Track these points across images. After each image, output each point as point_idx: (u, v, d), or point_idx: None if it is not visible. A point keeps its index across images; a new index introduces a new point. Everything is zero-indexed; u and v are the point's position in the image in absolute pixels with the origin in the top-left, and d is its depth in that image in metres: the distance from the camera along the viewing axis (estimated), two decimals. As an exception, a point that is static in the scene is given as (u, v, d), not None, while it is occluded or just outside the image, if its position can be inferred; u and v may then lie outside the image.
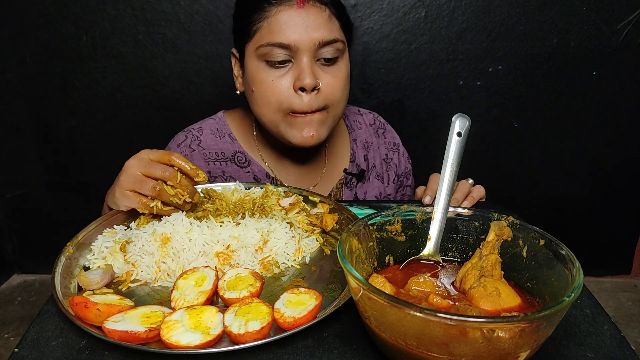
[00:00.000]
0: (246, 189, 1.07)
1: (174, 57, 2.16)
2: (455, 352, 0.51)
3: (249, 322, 0.64)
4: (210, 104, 1.37)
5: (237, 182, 1.10)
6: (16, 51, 2.17)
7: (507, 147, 2.35)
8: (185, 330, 0.63)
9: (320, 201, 1.05)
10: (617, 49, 2.14)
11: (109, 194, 0.94)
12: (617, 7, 2.07)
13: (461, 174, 0.79)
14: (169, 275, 0.80)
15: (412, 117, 2.29)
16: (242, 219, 0.91)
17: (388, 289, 0.65)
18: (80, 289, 0.77)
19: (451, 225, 0.76)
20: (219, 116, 1.26)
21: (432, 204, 0.75)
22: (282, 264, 0.85)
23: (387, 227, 0.75)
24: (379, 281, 0.66)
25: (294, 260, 0.87)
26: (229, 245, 0.84)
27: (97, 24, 2.11)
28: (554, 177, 2.42)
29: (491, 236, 0.70)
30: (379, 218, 0.74)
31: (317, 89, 1.02)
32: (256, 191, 1.05)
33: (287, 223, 0.92)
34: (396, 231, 0.76)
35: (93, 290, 0.76)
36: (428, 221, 0.75)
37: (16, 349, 0.65)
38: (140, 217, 0.92)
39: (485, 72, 2.20)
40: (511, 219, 0.71)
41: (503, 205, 1.11)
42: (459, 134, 0.74)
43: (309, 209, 1.02)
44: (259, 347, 0.64)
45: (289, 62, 1.02)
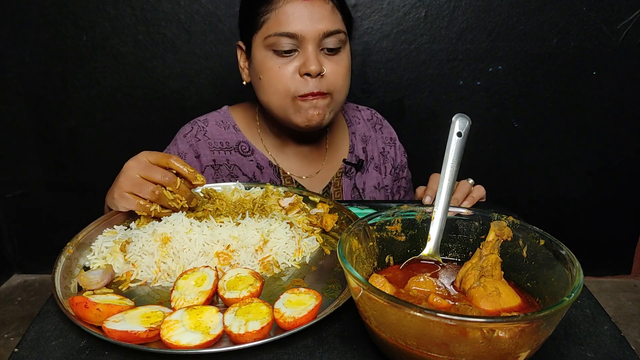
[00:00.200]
0: (246, 189, 1.08)
1: (174, 57, 2.16)
2: (455, 352, 0.51)
3: (249, 322, 0.64)
4: (210, 104, 1.37)
5: (237, 182, 1.10)
6: (16, 51, 2.17)
7: (507, 147, 2.35)
8: (185, 330, 0.63)
9: (320, 201, 1.05)
10: (617, 49, 2.14)
11: (108, 194, 0.94)
12: (617, 7, 2.07)
13: (461, 174, 0.79)
14: (169, 275, 0.80)
15: (412, 117, 2.29)
16: (242, 219, 0.91)
17: (388, 289, 0.65)
18: (80, 289, 0.77)
19: (451, 225, 0.76)
20: (223, 110, 1.31)
21: (432, 204, 0.75)
22: (282, 264, 0.85)
23: (387, 227, 0.75)
24: (379, 281, 0.66)
25: (294, 260, 0.87)
26: (229, 245, 0.84)
27: (97, 24, 2.11)
28: (554, 177, 2.42)
29: (491, 236, 0.70)
30: (379, 218, 0.74)
31: (321, 74, 1.07)
32: (256, 191, 1.05)
33: (287, 223, 0.92)
34: (396, 231, 0.76)
35: (93, 290, 0.76)
36: (428, 221, 0.75)
37: (16, 349, 0.65)
38: (140, 217, 0.92)
39: (485, 72, 2.20)
40: (511, 219, 0.71)
41: (503, 205, 1.11)
42: (459, 134, 0.74)
43: (309, 209, 1.02)
44: (259, 347, 0.64)
45: (295, 51, 1.07)
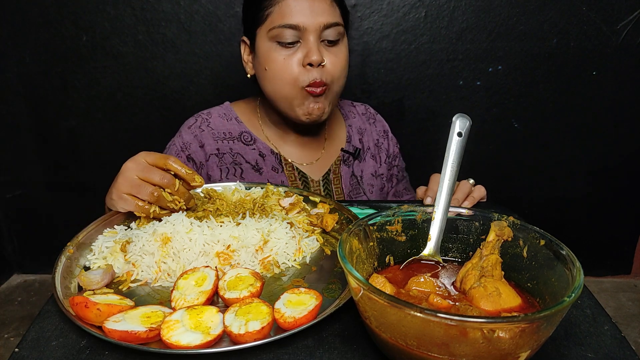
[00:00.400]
0: (246, 189, 1.08)
1: (174, 57, 2.16)
2: (455, 352, 0.51)
3: (249, 322, 0.64)
4: (210, 104, 1.38)
5: (238, 182, 1.10)
6: (16, 51, 2.17)
7: (507, 147, 2.35)
8: (185, 330, 0.63)
9: (320, 201, 1.05)
10: (617, 49, 2.14)
11: (107, 195, 0.94)
12: (617, 7, 2.07)
13: (461, 174, 0.79)
14: (169, 275, 0.80)
15: (412, 117, 2.29)
16: (243, 219, 0.91)
17: (388, 289, 0.65)
18: (81, 288, 0.77)
19: (451, 226, 0.76)
20: (225, 104, 1.36)
21: (432, 204, 0.75)
22: (283, 264, 0.85)
23: (387, 227, 0.75)
24: (379, 281, 0.66)
25: (295, 260, 0.87)
26: (229, 245, 0.84)
27: (97, 24, 2.11)
28: (554, 177, 2.42)
29: (491, 236, 0.70)
30: (379, 218, 0.74)
31: (322, 64, 1.14)
32: (256, 191, 1.05)
33: (288, 223, 0.92)
34: (396, 231, 0.76)
35: (93, 290, 0.76)
36: (428, 221, 0.75)
37: (16, 349, 0.65)
38: (140, 217, 0.92)
39: (485, 72, 2.20)
40: (511, 219, 0.71)
41: (503, 206, 1.11)
42: (459, 134, 0.74)
43: (309, 209, 1.02)
44: (259, 347, 0.64)
45: (297, 42, 1.14)
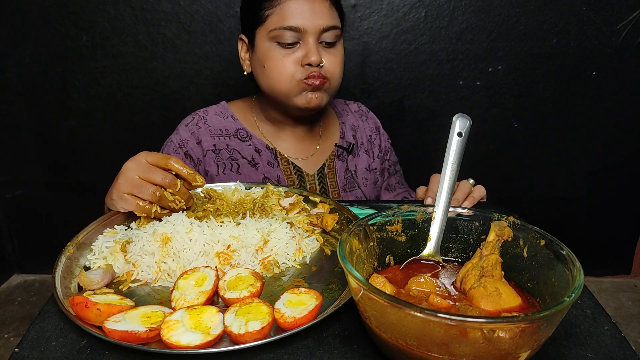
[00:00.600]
0: (247, 189, 1.08)
1: (174, 57, 2.16)
2: (455, 352, 0.51)
3: (249, 322, 0.64)
4: (210, 104, 1.38)
5: (238, 182, 1.10)
6: (16, 51, 2.17)
7: (507, 147, 2.35)
8: (185, 330, 0.63)
9: (320, 201, 1.05)
10: (617, 49, 2.14)
11: (107, 195, 0.94)
12: (617, 7, 2.06)
13: (461, 174, 0.79)
14: (169, 275, 0.80)
15: (412, 117, 2.29)
16: (243, 219, 0.91)
17: (388, 289, 0.65)
18: (81, 288, 0.77)
19: (452, 226, 0.76)
20: (221, 103, 1.39)
21: (432, 204, 0.75)
22: (283, 264, 0.85)
23: (387, 227, 0.75)
24: (380, 281, 0.66)
25: (295, 260, 0.87)
26: (229, 245, 0.84)
27: (97, 24, 2.10)
28: (554, 177, 2.42)
29: (492, 236, 0.70)
30: (379, 218, 0.74)
31: (321, 65, 1.16)
32: (256, 191, 1.05)
33: (288, 223, 0.92)
34: (397, 231, 0.76)
35: (93, 290, 0.76)
36: (428, 221, 0.75)
37: (16, 349, 0.65)
38: (140, 217, 0.92)
39: (485, 72, 2.20)
40: (512, 219, 0.71)
41: (503, 205, 1.11)
42: (459, 134, 0.74)
43: (309, 209, 1.02)
44: (259, 347, 0.64)
45: (297, 43, 1.16)
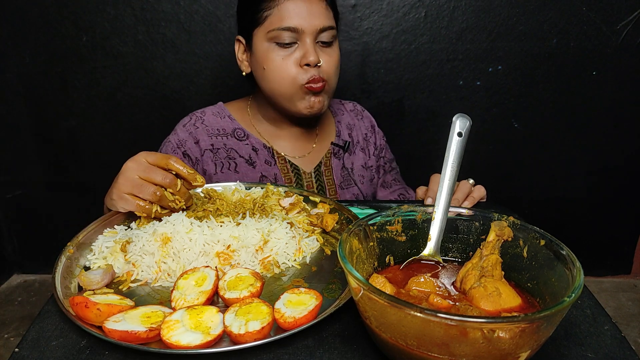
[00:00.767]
0: (247, 189, 1.08)
1: (174, 57, 2.16)
2: (455, 352, 0.51)
3: (249, 322, 0.64)
4: (209, 104, 1.38)
5: (238, 182, 1.10)
6: (16, 51, 2.17)
7: (507, 147, 2.35)
8: (185, 330, 0.63)
9: (320, 201, 1.05)
10: (617, 49, 2.14)
11: (107, 195, 0.94)
12: (617, 7, 2.06)
13: (461, 174, 0.79)
14: (169, 275, 0.80)
15: (412, 117, 2.29)
16: (243, 219, 0.91)
17: (388, 289, 0.65)
18: (81, 288, 0.77)
19: (452, 226, 0.76)
20: (218, 104, 1.40)
21: (432, 204, 0.75)
22: (283, 264, 0.85)
23: (387, 227, 0.75)
24: (379, 281, 0.66)
25: (295, 260, 0.87)
26: (229, 245, 0.84)
27: (97, 24, 2.11)
28: (554, 177, 2.42)
29: (492, 236, 0.70)
30: (379, 218, 0.74)
31: (319, 65, 1.18)
32: (256, 191, 1.05)
33: (288, 223, 0.92)
34: (397, 231, 0.76)
35: (93, 290, 0.76)
36: (428, 221, 0.75)
37: (16, 349, 0.65)
38: (140, 217, 0.92)
39: (485, 72, 2.20)
40: (512, 219, 0.71)
41: (503, 205, 1.11)
42: (459, 134, 0.74)
43: (309, 209, 1.02)
44: (259, 347, 0.64)
45: (294, 43, 1.17)
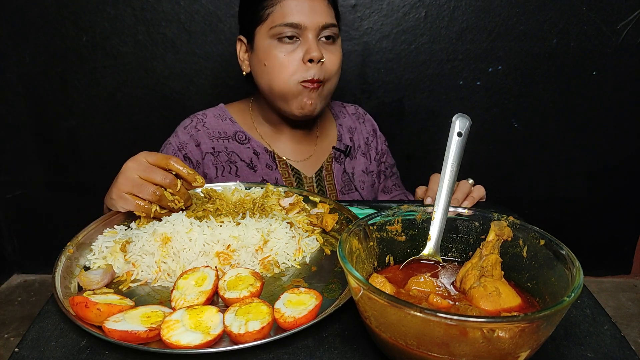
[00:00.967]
0: (246, 189, 1.08)
1: (174, 57, 2.16)
2: (455, 352, 0.51)
3: (249, 322, 0.64)
4: (210, 104, 1.38)
5: (238, 182, 1.10)
6: (16, 51, 2.17)
7: (507, 147, 2.35)
8: (185, 330, 0.63)
9: (320, 201, 1.05)
10: (617, 49, 2.14)
11: (107, 195, 0.94)
12: (617, 7, 2.07)
13: (461, 174, 0.79)
14: (169, 275, 0.80)
15: (412, 117, 2.29)
16: (243, 218, 0.91)
17: (388, 289, 0.65)
18: (81, 288, 0.77)
19: (451, 225, 0.76)
20: (219, 106, 1.39)
21: (432, 204, 0.75)
22: (283, 264, 0.85)
23: (387, 227, 0.75)
24: (379, 281, 0.66)
25: (294, 260, 0.87)
26: (229, 245, 0.84)
27: (97, 24, 2.11)
28: (554, 177, 2.42)
29: (491, 236, 0.70)
30: (379, 218, 0.74)
31: (321, 61, 1.17)
32: (256, 191, 1.05)
33: (288, 223, 0.92)
34: (396, 231, 0.76)
35: (93, 290, 0.76)
36: (428, 221, 0.75)
37: (16, 349, 0.65)
38: (140, 217, 0.92)
39: (485, 72, 2.20)
40: (511, 219, 0.71)
41: (503, 205, 1.11)
42: (459, 134, 0.74)
43: (309, 209, 1.02)
44: (259, 347, 0.64)
45: (297, 40, 1.17)
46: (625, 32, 2.11)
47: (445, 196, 0.73)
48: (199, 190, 1.03)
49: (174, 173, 0.90)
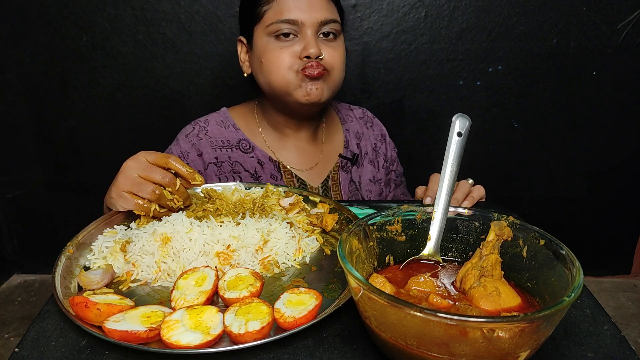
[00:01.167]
0: (246, 189, 1.08)
1: (174, 57, 2.16)
2: (455, 352, 0.51)
3: (249, 322, 0.64)
4: (210, 104, 1.38)
5: (237, 182, 1.10)
6: (16, 51, 2.17)
7: (507, 147, 2.35)
8: (185, 330, 0.64)
9: (320, 201, 1.05)
10: (617, 49, 2.14)
11: (107, 194, 0.94)
12: (617, 7, 2.06)
13: (461, 174, 0.79)
14: (169, 275, 0.80)
15: (412, 117, 2.29)
16: (243, 218, 0.91)
17: (388, 288, 0.65)
18: (81, 288, 0.77)
19: (451, 225, 0.76)
20: (222, 111, 1.35)
21: (432, 204, 0.75)
22: (283, 263, 0.85)
23: (387, 227, 0.75)
24: (379, 281, 0.67)
25: (294, 260, 0.87)
26: (229, 245, 0.84)
27: (97, 24, 2.11)
28: (554, 177, 2.42)
29: (491, 236, 0.70)
30: (379, 218, 0.74)
31: (320, 57, 1.14)
32: (256, 191, 1.05)
33: (288, 223, 0.92)
34: (396, 231, 0.76)
35: (93, 290, 0.76)
36: (428, 221, 0.75)
37: (16, 349, 0.65)
38: (140, 217, 0.92)
39: (485, 72, 2.20)
40: (511, 219, 0.71)
41: (503, 205, 1.11)
42: (459, 134, 0.74)
43: (309, 209, 1.02)
44: (259, 347, 0.64)
45: (295, 36, 1.14)
46: (625, 32, 2.11)
47: (445, 196, 0.74)
48: (198, 190, 1.04)
49: (173, 172, 0.90)
